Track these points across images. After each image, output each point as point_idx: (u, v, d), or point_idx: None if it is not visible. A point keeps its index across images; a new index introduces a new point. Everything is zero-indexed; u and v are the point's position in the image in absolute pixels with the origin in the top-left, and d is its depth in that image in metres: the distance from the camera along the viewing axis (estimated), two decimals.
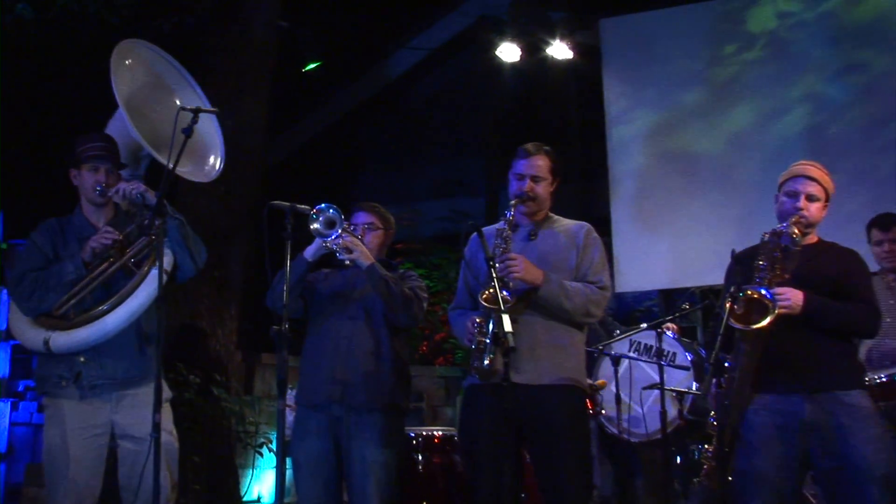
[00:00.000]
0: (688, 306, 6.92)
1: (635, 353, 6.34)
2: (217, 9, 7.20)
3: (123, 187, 4.34)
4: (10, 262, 6.70)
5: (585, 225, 4.47)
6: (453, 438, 5.86)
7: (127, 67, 4.74)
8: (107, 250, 4.25)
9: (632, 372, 6.35)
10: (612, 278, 8.04)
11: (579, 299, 4.20)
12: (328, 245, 4.44)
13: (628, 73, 8.88)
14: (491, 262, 3.99)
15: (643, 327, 6.33)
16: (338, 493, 4.65)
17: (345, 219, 4.45)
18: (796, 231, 4.11)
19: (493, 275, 3.93)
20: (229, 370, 6.64)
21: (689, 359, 6.17)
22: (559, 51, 9.26)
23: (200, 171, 4.88)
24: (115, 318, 4.25)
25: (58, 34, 7.09)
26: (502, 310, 3.82)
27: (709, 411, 4.65)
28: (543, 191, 4.40)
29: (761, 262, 4.11)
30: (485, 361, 3.98)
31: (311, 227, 4.34)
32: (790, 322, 3.97)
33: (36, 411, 6.43)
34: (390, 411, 4.61)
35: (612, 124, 8.82)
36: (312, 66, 9.75)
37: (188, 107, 4.28)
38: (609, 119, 8.84)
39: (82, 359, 4.25)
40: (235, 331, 6.75)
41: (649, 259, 8.34)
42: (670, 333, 6.34)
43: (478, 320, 4.07)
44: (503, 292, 3.90)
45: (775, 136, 8.08)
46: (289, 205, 4.24)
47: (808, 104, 8.12)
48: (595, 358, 6.31)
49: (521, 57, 9.36)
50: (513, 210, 4.28)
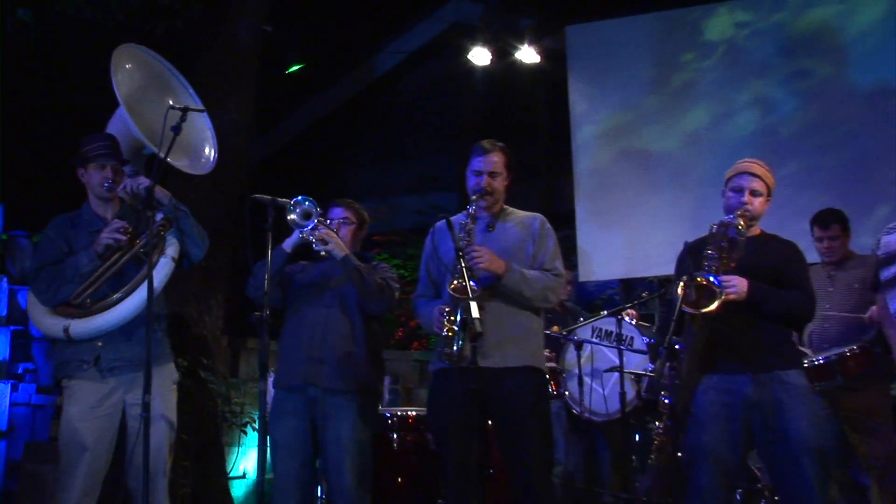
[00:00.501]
0: (646, 294, 6.99)
1: (597, 339, 6.37)
2: (206, 14, 7.21)
3: (129, 183, 4.42)
4: (14, 254, 6.74)
5: (539, 216, 4.49)
6: (425, 418, 5.92)
7: (127, 70, 4.77)
8: (119, 243, 4.32)
9: (594, 356, 6.40)
10: (575, 269, 8.19)
11: (538, 286, 4.24)
12: (305, 236, 4.45)
13: (592, 77, 8.90)
14: (460, 252, 4.02)
15: (604, 314, 6.39)
16: (313, 471, 4.66)
17: (321, 212, 4.48)
18: (742, 223, 4.18)
19: (462, 264, 3.97)
20: (216, 354, 6.65)
21: (647, 343, 6.22)
22: (527, 55, 9.31)
23: (197, 165, 4.92)
24: (129, 305, 4.31)
25: (56, 37, 7.10)
26: (470, 297, 3.87)
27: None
28: (499, 185, 4.41)
29: (710, 252, 4.16)
30: (454, 348, 4.02)
31: (289, 217, 4.36)
32: (735, 308, 4.03)
33: (35, 393, 6.45)
34: (364, 393, 4.62)
35: (577, 125, 8.86)
36: (295, 68, 9.77)
37: (177, 106, 4.35)
38: (574, 120, 8.88)
39: (100, 343, 4.32)
40: (222, 317, 6.76)
41: (610, 250, 8.41)
42: (629, 319, 6.38)
43: (446, 309, 4.09)
44: (471, 282, 3.94)
45: (727, 137, 8.16)
46: (270, 198, 4.29)
47: (758, 107, 8.20)
48: (561, 343, 6.37)
49: (491, 61, 9.39)
50: (474, 206, 4.32)
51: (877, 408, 5.19)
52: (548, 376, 4.79)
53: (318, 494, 5.46)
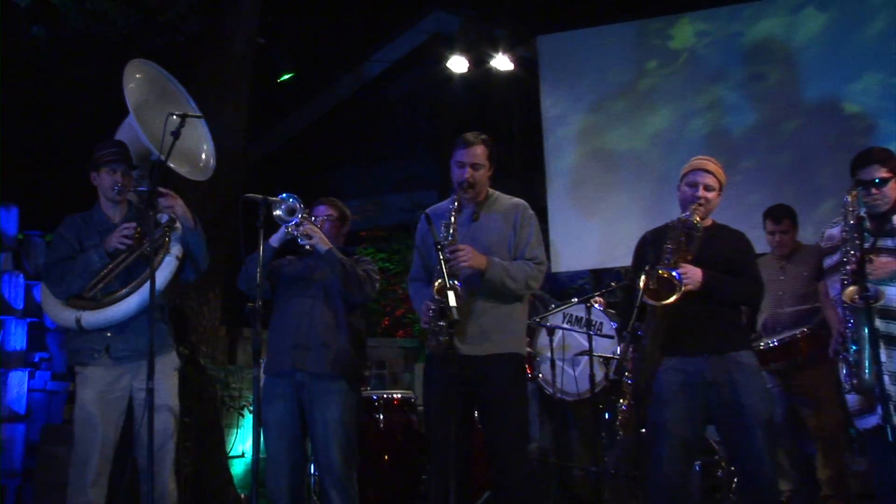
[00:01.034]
0: (614, 284, 7.04)
1: (568, 325, 6.43)
2: (203, 28, 7.23)
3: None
4: (29, 251, 6.76)
5: (521, 204, 4.45)
6: (410, 400, 5.97)
7: (136, 82, 4.82)
8: (127, 245, 4.38)
9: (565, 340, 6.45)
10: (549, 260, 8.23)
11: (520, 276, 4.22)
12: (290, 231, 4.46)
13: (562, 83, 8.91)
14: (439, 247, 4.03)
15: (574, 302, 6.44)
16: (303, 450, 4.69)
17: (306, 209, 4.50)
18: (698, 218, 4.23)
19: (441, 258, 4.00)
20: (215, 343, 6.67)
21: (614, 328, 6.29)
22: (502, 63, 9.32)
23: (197, 171, 4.97)
24: (136, 299, 4.38)
25: (67, 50, 7.13)
26: (447, 286, 3.90)
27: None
28: (482, 176, 4.37)
29: (669, 245, 4.20)
30: (439, 339, 4.05)
31: (274, 213, 4.36)
32: (691, 295, 4.08)
33: (50, 380, 6.49)
34: (348, 377, 4.63)
35: (549, 127, 8.88)
36: (287, 76, 9.78)
37: (177, 112, 4.41)
38: (546, 122, 8.89)
39: (109, 333, 4.40)
40: (219, 309, 6.77)
41: (581, 243, 8.45)
42: (598, 306, 6.43)
43: (432, 306, 4.12)
44: (451, 281, 3.95)
45: (687, 138, 8.20)
46: (261, 197, 4.30)
47: (715, 110, 8.24)
48: (533, 329, 6.42)
49: (469, 68, 9.41)
50: (457, 200, 4.31)
51: (824, 384, 5.26)
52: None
53: (311, 472, 5.51)
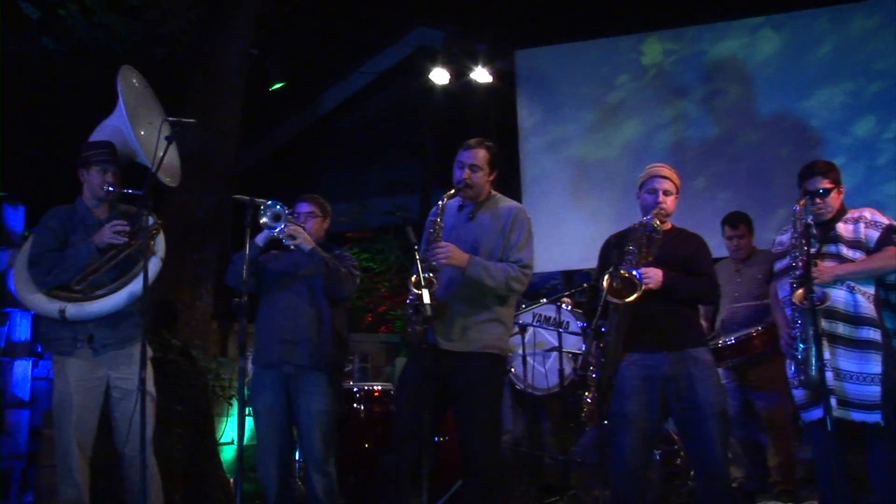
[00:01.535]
0: (586, 285, 7.08)
1: (538, 323, 6.47)
2: (200, 40, 7.25)
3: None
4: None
5: (516, 208, 4.39)
6: (390, 392, 5.97)
7: (129, 87, 4.82)
8: (120, 240, 4.36)
9: (536, 339, 6.48)
10: None
11: (500, 277, 4.15)
12: (276, 234, 4.48)
13: (538, 95, 8.93)
14: (416, 248, 4.06)
15: (543, 302, 6.48)
16: (290, 437, 4.73)
17: (288, 209, 4.50)
18: (658, 222, 4.29)
19: (417, 258, 4.04)
20: (206, 336, 6.70)
21: (580, 326, 6.32)
22: (481, 75, 9.32)
23: (174, 178, 4.98)
24: (123, 296, 4.38)
25: (75, 60, 7.14)
26: (423, 285, 3.94)
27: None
28: (480, 179, 4.30)
29: (631, 248, 4.24)
30: (415, 330, 4.05)
31: (261, 220, 4.37)
32: (652, 294, 4.13)
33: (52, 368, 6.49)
34: (331, 370, 4.67)
35: (524, 137, 8.90)
36: (278, 85, 9.80)
37: (171, 118, 4.40)
38: (521, 132, 8.91)
39: (91, 325, 4.37)
40: (211, 303, 6.80)
41: (553, 246, 8.41)
42: (566, 306, 6.50)
43: (410, 298, 4.12)
44: (427, 273, 3.99)
45: (653, 148, 8.23)
46: (248, 199, 4.32)
47: (681, 122, 8.29)
48: None
49: (450, 80, 9.42)
50: (445, 199, 4.26)
51: (776, 379, 5.30)
52: None
53: (298, 458, 5.52)
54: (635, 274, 4.12)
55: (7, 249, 6.32)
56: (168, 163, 4.85)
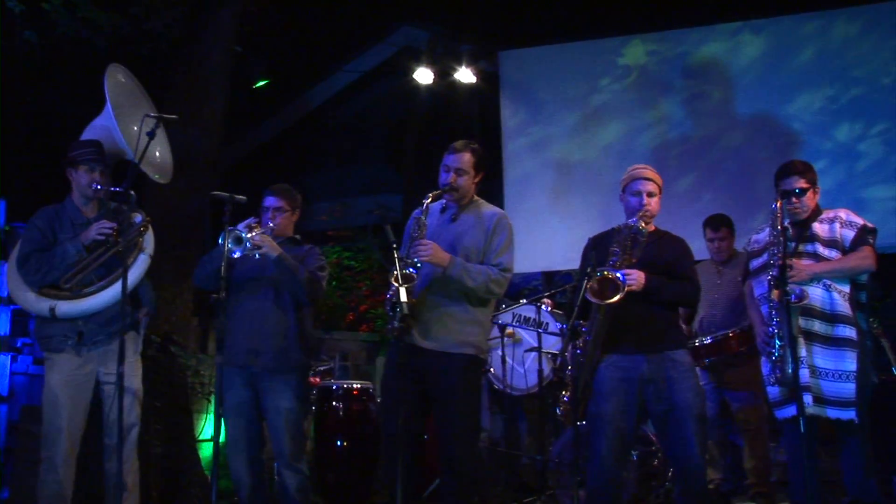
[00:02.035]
0: (568, 286, 7.08)
1: (517, 323, 6.46)
2: (184, 36, 7.23)
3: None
4: (13, 243, 6.69)
5: (499, 213, 4.38)
6: (369, 391, 5.96)
7: (117, 85, 4.81)
8: (107, 239, 4.36)
9: (515, 339, 6.46)
10: None
11: (481, 279, 4.16)
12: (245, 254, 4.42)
13: (521, 97, 8.94)
14: (394, 245, 4.04)
15: (523, 302, 6.48)
16: (258, 432, 4.71)
17: (255, 223, 4.46)
18: (643, 224, 4.29)
19: (395, 255, 4.03)
20: (186, 333, 6.67)
21: (559, 327, 6.32)
22: (465, 76, 9.33)
23: (164, 174, 4.97)
24: (111, 293, 4.37)
25: (56, 54, 7.11)
26: (400, 284, 3.94)
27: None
28: (466, 182, 4.30)
29: (615, 249, 4.24)
30: (393, 327, 4.03)
31: (227, 247, 4.30)
32: (633, 296, 4.11)
33: (31, 364, 6.43)
34: (297, 370, 4.67)
35: (507, 137, 8.91)
36: (262, 83, 9.78)
37: (152, 114, 4.41)
38: (504, 133, 8.92)
39: (81, 322, 4.39)
40: (191, 300, 6.78)
41: (535, 247, 8.44)
42: (545, 307, 6.49)
43: (390, 293, 4.10)
44: (408, 269, 4.00)
45: (636, 150, 8.26)
46: (228, 195, 4.28)
47: (663, 125, 8.34)
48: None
49: (434, 80, 9.43)
50: (430, 200, 4.24)
51: (752, 380, 5.32)
52: None
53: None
54: (619, 275, 4.11)
55: None
56: (159, 159, 4.84)
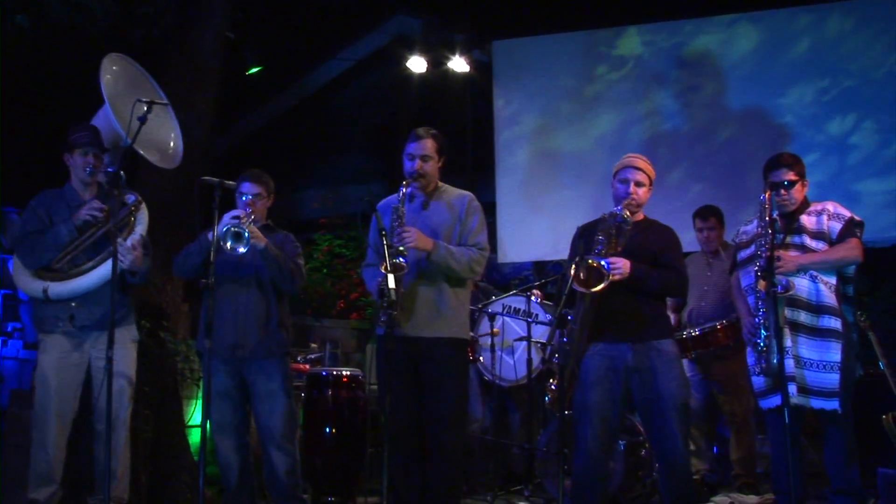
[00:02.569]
0: (557, 276, 7.10)
1: (507, 313, 6.49)
2: (177, 22, 7.22)
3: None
4: (4, 227, 6.71)
5: (467, 196, 4.51)
6: (358, 378, 5.98)
7: (112, 73, 4.88)
8: (96, 219, 4.42)
9: (504, 331, 6.47)
10: (496, 251, 8.29)
11: (464, 260, 4.29)
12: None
13: (514, 86, 8.92)
14: (384, 233, 4.09)
15: (513, 293, 6.51)
16: (244, 417, 4.79)
17: (243, 214, 4.46)
18: (627, 213, 4.32)
19: (385, 243, 4.07)
20: (176, 319, 6.66)
21: (548, 318, 6.34)
22: (459, 65, 9.33)
23: (167, 158, 5.02)
24: (101, 272, 4.43)
25: (48, 40, 7.10)
26: (389, 270, 3.97)
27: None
28: (431, 168, 4.42)
29: (600, 237, 4.28)
30: (381, 318, 4.10)
31: (226, 247, 4.33)
32: (619, 285, 4.16)
33: (21, 348, 6.46)
34: (281, 356, 4.74)
35: (500, 127, 8.90)
36: (254, 70, 9.77)
37: (143, 98, 4.44)
38: (497, 123, 8.91)
39: (74, 304, 4.46)
40: (181, 286, 6.77)
41: (526, 237, 8.49)
42: (535, 298, 6.52)
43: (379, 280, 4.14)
44: (398, 259, 4.02)
45: (629, 140, 8.23)
46: (217, 180, 4.31)
47: (657, 116, 8.33)
48: (476, 317, 6.46)
49: (427, 69, 9.43)
50: (405, 188, 4.32)
51: (739, 372, 5.36)
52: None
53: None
54: (603, 264, 4.14)
55: None
56: (164, 144, 4.88)
